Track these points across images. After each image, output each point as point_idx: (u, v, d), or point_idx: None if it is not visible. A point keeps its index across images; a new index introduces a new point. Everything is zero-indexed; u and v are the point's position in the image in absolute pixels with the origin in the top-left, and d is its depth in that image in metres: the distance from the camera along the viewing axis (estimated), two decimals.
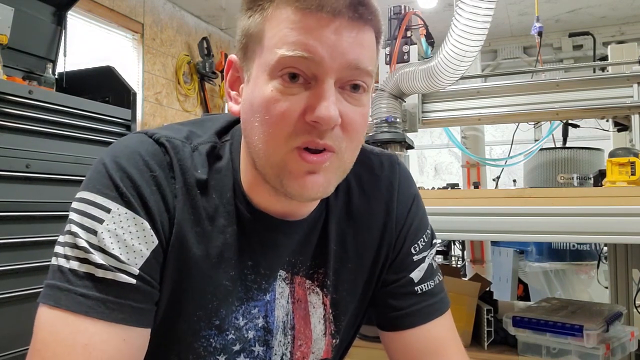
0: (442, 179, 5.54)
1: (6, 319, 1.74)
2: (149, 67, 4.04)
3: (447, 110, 1.93)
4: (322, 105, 0.53)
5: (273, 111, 0.54)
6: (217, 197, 0.62)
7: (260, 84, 0.56)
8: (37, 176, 1.86)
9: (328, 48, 0.53)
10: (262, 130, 0.56)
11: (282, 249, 0.65)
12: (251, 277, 0.63)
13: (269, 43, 0.55)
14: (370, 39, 0.57)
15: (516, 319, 1.23)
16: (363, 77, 0.56)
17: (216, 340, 0.61)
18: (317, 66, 0.53)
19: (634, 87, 1.68)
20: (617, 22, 4.62)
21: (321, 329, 0.68)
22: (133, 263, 0.55)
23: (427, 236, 0.74)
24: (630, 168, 1.16)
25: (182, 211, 0.59)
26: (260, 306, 0.64)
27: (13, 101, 1.79)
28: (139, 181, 0.57)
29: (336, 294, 0.69)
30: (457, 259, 3.23)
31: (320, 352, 0.69)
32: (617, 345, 1.17)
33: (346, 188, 0.70)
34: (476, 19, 1.33)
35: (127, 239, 0.55)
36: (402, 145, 1.78)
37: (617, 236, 1.08)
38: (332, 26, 0.53)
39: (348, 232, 0.69)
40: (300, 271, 0.67)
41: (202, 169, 0.62)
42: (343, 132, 0.56)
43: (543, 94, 1.80)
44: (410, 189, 0.74)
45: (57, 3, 2.37)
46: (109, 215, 0.55)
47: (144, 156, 0.59)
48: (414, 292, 0.70)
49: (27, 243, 1.81)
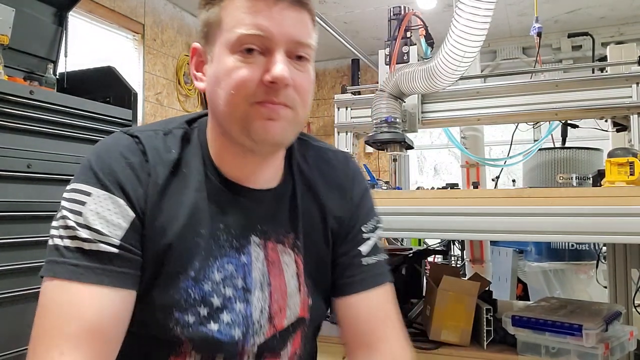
0: (441, 179, 5.54)
1: (6, 319, 1.74)
2: (149, 67, 4.04)
3: (446, 110, 1.94)
4: (276, 67, 0.65)
5: (235, 77, 0.66)
6: (188, 170, 0.73)
7: (223, 59, 0.67)
8: (38, 176, 1.86)
9: (277, 26, 0.66)
10: (226, 92, 0.67)
11: (250, 213, 0.75)
12: (223, 236, 0.72)
13: (227, 26, 0.67)
14: (307, 18, 0.70)
15: (515, 319, 1.23)
16: (305, 49, 0.69)
17: (194, 291, 0.69)
18: (269, 40, 0.66)
19: (633, 87, 1.69)
20: (616, 23, 4.62)
21: (295, 284, 0.77)
22: (114, 235, 0.65)
23: (374, 221, 0.86)
24: (629, 168, 1.17)
25: (156, 185, 0.69)
26: (237, 265, 0.73)
27: (14, 101, 1.79)
28: (114, 167, 0.68)
29: (307, 257, 0.79)
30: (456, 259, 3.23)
31: (297, 308, 0.77)
32: (616, 344, 1.17)
33: (308, 172, 0.82)
34: (475, 19, 1.34)
35: (107, 215, 0.65)
36: (401, 145, 1.79)
37: (616, 236, 1.09)
38: (276, 8, 0.66)
39: (312, 207, 0.80)
40: (271, 237, 0.76)
41: (175, 148, 0.73)
42: (295, 92, 0.68)
43: (542, 95, 1.81)
44: (362, 177, 0.88)
45: (58, 4, 2.37)
46: (90, 197, 0.66)
47: (119, 147, 0.70)
48: (361, 263, 0.81)
49: (27, 243, 1.82)
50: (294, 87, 0.68)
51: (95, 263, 0.64)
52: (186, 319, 0.69)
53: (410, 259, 1.69)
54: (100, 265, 0.64)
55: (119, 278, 0.65)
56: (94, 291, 0.63)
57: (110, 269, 0.64)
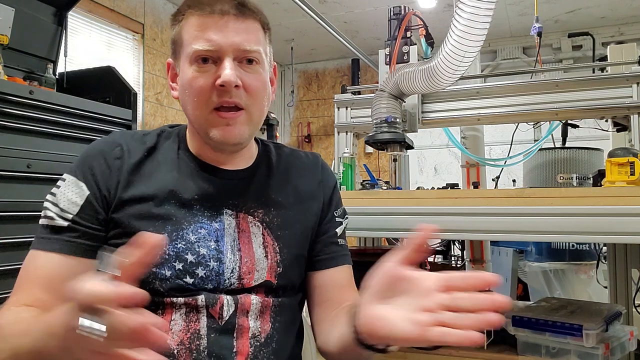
0: (441, 179, 5.54)
1: None
2: (149, 67, 4.04)
3: (446, 110, 1.94)
4: (224, 72, 0.78)
5: (195, 85, 0.80)
6: (162, 155, 0.87)
7: (185, 70, 0.82)
8: (38, 176, 1.86)
9: (224, 37, 0.79)
10: (190, 99, 0.81)
11: (224, 188, 0.87)
12: (196, 207, 0.84)
13: (186, 43, 0.82)
14: (255, 26, 0.83)
15: (515, 319, 1.23)
16: (252, 53, 0.81)
17: (168, 249, 0.80)
18: (218, 51, 0.79)
19: (633, 87, 1.68)
20: (617, 23, 4.62)
21: (262, 252, 0.86)
22: (70, 210, 0.80)
23: (342, 209, 1.00)
24: (629, 168, 1.16)
25: (128, 165, 0.83)
26: (209, 231, 0.83)
27: (14, 101, 1.79)
28: (89, 157, 0.84)
29: (280, 231, 0.89)
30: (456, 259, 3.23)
31: (264, 272, 0.86)
32: (616, 344, 1.17)
33: (285, 159, 0.96)
34: (476, 19, 1.33)
35: (69, 195, 0.81)
36: (402, 145, 1.78)
37: (617, 236, 1.09)
38: (222, 22, 0.79)
39: (288, 188, 0.92)
40: (242, 209, 0.87)
41: (151, 140, 0.87)
42: (247, 93, 0.81)
43: (542, 94, 1.81)
44: (332, 174, 1.00)
45: (57, 3, 2.37)
46: (64, 182, 0.83)
47: (100, 143, 0.86)
48: (336, 243, 0.95)
49: (27, 243, 1.80)
50: (244, 87, 0.80)
51: (52, 234, 0.79)
52: (163, 272, 0.79)
53: None
54: (55, 236, 0.79)
55: (69, 246, 0.79)
56: (48, 256, 0.78)
57: (62, 239, 0.79)
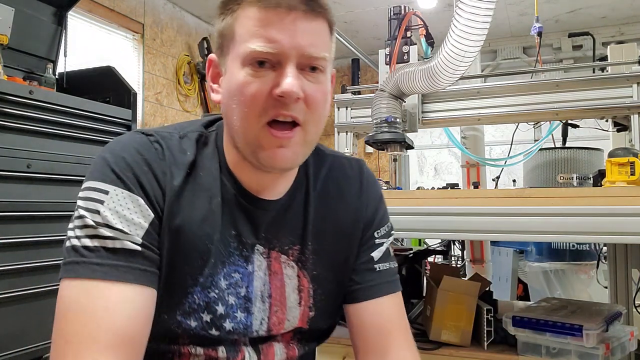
0: (441, 179, 5.54)
1: (6, 319, 1.74)
2: (149, 67, 4.04)
3: (447, 110, 1.94)
4: (285, 81, 0.64)
5: (246, 92, 0.65)
6: (205, 174, 0.72)
7: (235, 72, 0.66)
8: (37, 176, 1.86)
9: (289, 38, 0.64)
10: (239, 109, 0.66)
11: (258, 221, 0.74)
12: (234, 244, 0.72)
13: (239, 39, 0.66)
14: (324, 27, 0.68)
15: (516, 319, 1.23)
16: (318, 61, 0.67)
17: (199, 297, 0.69)
18: (280, 54, 0.64)
19: (634, 87, 1.68)
20: (617, 23, 4.62)
21: (295, 298, 0.76)
22: (135, 234, 0.64)
23: (387, 227, 0.86)
24: (629, 168, 1.16)
25: (172, 186, 0.68)
26: (243, 274, 0.72)
27: (14, 101, 1.79)
28: (132, 163, 0.67)
29: (316, 270, 0.77)
30: (457, 259, 3.23)
31: (295, 320, 0.77)
32: (616, 345, 1.17)
33: (323, 179, 0.80)
34: (476, 19, 1.33)
35: (127, 214, 0.64)
36: (402, 145, 1.78)
37: (617, 236, 1.09)
38: (288, 19, 0.64)
39: (326, 216, 0.79)
40: (276, 247, 0.75)
41: (190, 151, 0.72)
42: (306, 106, 0.67)
43: (543, 94, 1.81)
44: (376, 186, 0.87)
45: (57, 3, 2.37)
46: (108, 196, 0.64)
47: (135, 145, 0.69)
48: (373, 269, 0.81)
49: (27, 243, 1.82)
50: (305, 100, 0.66)
51: (120, 261, 0.62)
52: (189, 323, 0.69)
53: (411, 259, 1.69)
54: (124, 263, 0.62)
55: (143, 275, 0.64)
56: (120, 290, 0.61)
57: (135, 267, 0.63)
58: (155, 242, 0.66)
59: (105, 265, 0.62)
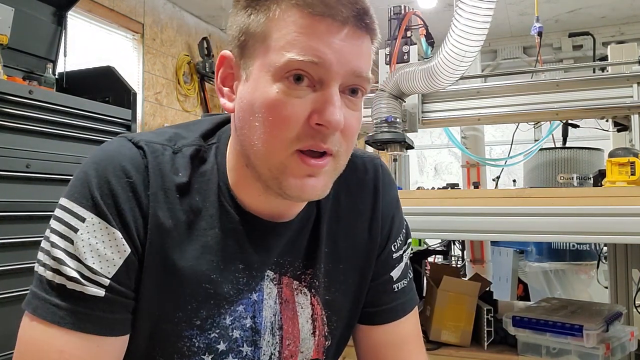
0: (442, 179, 5.54)
1: (6, 319, 1.74)
2: (149, 67, 4.04)
3: (447, 110, 1.94)
4: (329, 110, 0.54)
5: (278, 113, 0.55)
6: (200, 200, 0.62)
7: (263, 84, 0.56)
8: (37, 176, 1.86)
9: (336, 54, 0.54)
10: (263, 131, 0.56)
11: (273, 249, 0.66)
12: (243, 279, 0.64)
13: (275, 44, 0.55)
14: (369, 47, 0.60)
15: (516, 319, 1.23)
16: (363, 83, 0.58)
17: (199, 340, 0.62)
18: (325, 71, 0.54)
19: (634, 87, 1.68)
20: (617, 22, 4.62)
21: (309, 329, 0.69)
22: (105, 272, 0.57)
23: (403, 235, 0.79)
24: (630, 168, 1.16)
25: (156, 216, 0.59)
26: (247, 305, 0.64)
27: (13, 101, 1.79)
28: (115, 189, 0.58)
29: (329, 295, 0.70)
30: (457, 259, 3.23)
31: (310, 352, 0.70)
32: (616, 345, 1.17)
33: (334, 191, 0.69)
34: (476, 19, 1.33)
35: (100, 248, 0.57)
36: (402, 145, 1.78)
37: (617, 236, 1.09)
38: (341, 34, 0.55)
39: (338, 233, 0.71)
40: (287, 272, 0.67)
41: (183, 171, 0.62)
42: (342, 136, 0.58)
43: (543, 94, 1.81)
44: (392, 190, 0.78)
45: (57, 3, 2.37)
46: (84, 224, 0.57)
47: (122, 161, 0.59)
48: (392, 290, 0.75)
49: (27, 243, 1.81)
50: (342, 129, 0.57)
51: (79, 307, 0.56)
52: None
53: (411, 259, 1.69)
54: (84, 310, 0.56)
55: (105, 325, 0.57)
56: (76, 339, 0.56)
57: (95, 315, 0.56)
58: (129, 281, 0.58)
59: (63, 309, 0.56)
